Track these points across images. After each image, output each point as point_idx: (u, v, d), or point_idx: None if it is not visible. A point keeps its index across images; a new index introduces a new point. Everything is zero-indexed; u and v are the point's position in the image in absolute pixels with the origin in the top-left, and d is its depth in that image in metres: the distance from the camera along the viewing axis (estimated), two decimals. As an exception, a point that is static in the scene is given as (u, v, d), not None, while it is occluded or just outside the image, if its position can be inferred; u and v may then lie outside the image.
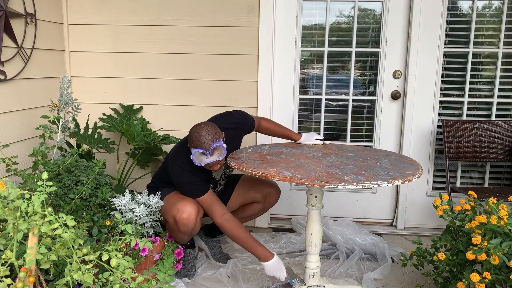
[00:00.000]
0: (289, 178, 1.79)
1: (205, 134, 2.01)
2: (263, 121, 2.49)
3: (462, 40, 2.97)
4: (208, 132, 2.01)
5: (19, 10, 2.45)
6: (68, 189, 2.15)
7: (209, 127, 2.04)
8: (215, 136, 2.03)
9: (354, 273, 2.51)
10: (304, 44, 3.06)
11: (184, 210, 2.13)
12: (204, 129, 2.02)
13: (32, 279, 1.25)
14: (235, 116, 2.35)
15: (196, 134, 2.02)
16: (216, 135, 2.03)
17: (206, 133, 2.01)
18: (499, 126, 2.91)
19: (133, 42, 2.99)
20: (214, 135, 2.03)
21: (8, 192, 1.26)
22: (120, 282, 1.32)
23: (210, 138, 2.01)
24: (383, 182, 1.75)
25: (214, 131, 2.04)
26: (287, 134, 2.52)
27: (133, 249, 2.07)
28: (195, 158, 2.02)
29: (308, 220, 2.17)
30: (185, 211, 2.13)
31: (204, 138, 2.00)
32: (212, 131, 2.03)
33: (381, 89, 3.05)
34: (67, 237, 1.24)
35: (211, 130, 2.03)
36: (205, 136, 2.00)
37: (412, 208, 3.15)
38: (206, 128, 2.03)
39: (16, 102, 2.51)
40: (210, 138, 2.01)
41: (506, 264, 1.74)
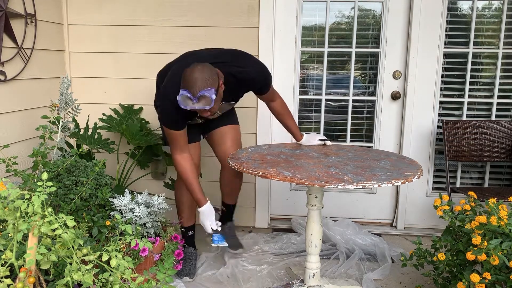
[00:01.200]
0: (289, 178, 1.79)
1: (197, 77, 1.82)
2: (279, 102, 2.35)
3: (462, 40, 2.97)
4: (201, 76, 1.82)
5: (19, 11, 2.45)
6: (68, 190, 2.15)
7: (205, 71, 1.84)
8: (207, 83, 1.83)
9: (354, 273, 2.51)
10: (304, 45, 3.07)
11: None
12: (198, 72, 1.83)
13: (32, 279, 1.25)
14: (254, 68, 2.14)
15: (188, 74, 1.84)
16: (209, 82, 1.83)
17: (198, 77, 1.82)
18: (499, 127, 2.91)
19: (133, 42, 2.99)
20: (207, 81, 1.83)
21: (8, 193, 1.26)
22: (120, 282, 1.32)
23: (201, 84, 1.82)
24: (383, 182, 1.75)
25: (209, 77, 1.84)
26: (293, 129, 2.43)
27: (133, 250, 2.07)
28: (180, 99, 1.85)
29: (308, 220, 2.17)
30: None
31: (194, 81, 1.82)
32: (206, 76, 1.83)
33: (381, 89, 3.05)
34: (67, 238, 1.24)
35: (206, 74, 1.84)
36: (196, 80, 1.82)
37: (412, 209, 3.15)
38: (202, 71, 1.84)
39: (16, 102, 2.50)
40: (201, 84, 1.82)
41: (506, 264, 1.74)
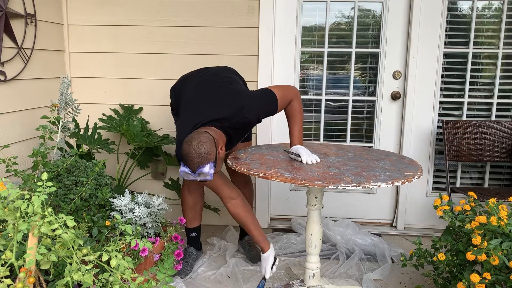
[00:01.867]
0: (289, 178, 1.79)
1: (194, 155, 1.84)
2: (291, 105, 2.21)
3: (462, 40, 2.97)
4: (198, 155, 1.84)
5: (19, 11, 2.45)
6: (68, 190, 2.15)
7: (201, 147, 1.85)
8: (204, 159, 1.85)
9: (354, 273, 2.51)
10: (304, 45, 3.07)
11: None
12: (194, 150, 1.84)
13: (32, 279, 1.24)
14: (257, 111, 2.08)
15: (185, 151, 1.87)
16: (206, 158, 1.86)
17: (195, 156, 1.84)
18: (499, 127, 2.91)
19: (133, 42, 2.99)
20: (204, 157, 1.85)
21: (8, 193, 1.26)
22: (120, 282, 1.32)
23: (198, 161, 1.85)
24: (383, 183, 1.75)
25: (206, 152, 1.85)
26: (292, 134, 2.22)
27: (133, 250, 2.07)
28: (182, 174, 1.90)
29: (308, 220, 2.17)
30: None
31: (191, 159, 1.85)
32: (203, 152, 1.85)
33: (381, 89, 3.05)
34: (67, 238, 1.24)
35: (202, 150, 1.85)
36: (193, 158, 1.85)
37: (412, 209, 3.15)
38: (198, 148, 1.85)
39: (16, 102, 2.50)
40: (198, 161, 1.85)
41: (506, 264, 1.74)
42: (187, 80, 2.27)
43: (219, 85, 2.16)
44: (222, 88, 2.14)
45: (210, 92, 2.12)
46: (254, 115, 2.06)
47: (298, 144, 2.18)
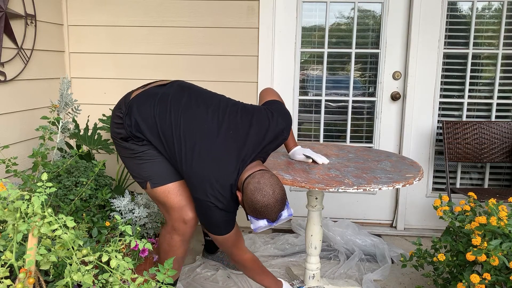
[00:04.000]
0: (290, 181, 1.79)
1: (275, 205, 1.58)
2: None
3: (462, 41, 2.97)
4: (277, 201, 1.59)
5: (19, 11, 2.45)
6: (68, 190, 2.15)
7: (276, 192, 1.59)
8: (283, 203, 1.62)
9: (354, 274, 2.51)
10: (304, 45, 3.07)
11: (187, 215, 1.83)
12: (273, 197, 1.57)
13: (32, 280, 1.24)
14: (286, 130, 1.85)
15: (263, 203, 1.57)
16: (284, 201, 1.62)
17: (275, 204, 1.58)
18: (498, 127, 2.91)
19: (133, 43, 2.99)
20: (283, 201, 1.61)
21: (8, 193, 1.26)
22: (120, 283, 1.32)
23: (279, 208, 1.60)
24: (384, 185, 1.75)
25: (283, 195, 1.61)
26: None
27: (133, 250, 2.07)
28: (254, 226, 1.63)
29: (308, 221, 2.17)
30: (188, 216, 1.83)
31: (272, 210, 1.58)
32: (281, 197, 1.60)
33: (381, 90, 3.05)
34: (67, 238, 1.24)
35: (279, 195, 1.60)
36: (274, 209, 1.58)
37: (412, 209, 3.15)
38: (275, 195, 1.58)
39: (16, 103, 2.50)
40: (279, 209, 1.60)
41: (506, 265, 1.74)
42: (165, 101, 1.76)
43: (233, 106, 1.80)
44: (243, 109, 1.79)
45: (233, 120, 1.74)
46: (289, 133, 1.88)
47: (295, 145, 2.16)
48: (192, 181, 1.68)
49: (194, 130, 1.69)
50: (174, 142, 1.70)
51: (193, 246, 2.86)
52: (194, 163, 1.66)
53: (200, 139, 1.68)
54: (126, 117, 1.77)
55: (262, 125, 1.75)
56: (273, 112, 1.80)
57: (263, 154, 1.76)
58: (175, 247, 1.89)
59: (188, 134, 1.69)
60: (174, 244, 1.89)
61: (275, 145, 1.80)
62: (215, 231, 1.75)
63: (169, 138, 1.71)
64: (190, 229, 1.86)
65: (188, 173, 1.68)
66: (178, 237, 1.87)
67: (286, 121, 1.82)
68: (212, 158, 1.66)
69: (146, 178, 1.82)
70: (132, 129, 1.76)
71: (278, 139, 1.80)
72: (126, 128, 1.77)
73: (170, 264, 1.41)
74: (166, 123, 1.72)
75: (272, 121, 1.77)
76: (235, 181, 1.66)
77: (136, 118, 1.75)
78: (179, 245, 1.89)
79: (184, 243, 1.90)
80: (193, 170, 1.66)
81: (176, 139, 1.70)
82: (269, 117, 1.78)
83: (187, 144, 1.68)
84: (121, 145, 1.84)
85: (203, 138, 1.68)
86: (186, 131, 1.69)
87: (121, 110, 1.81)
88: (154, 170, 1.80)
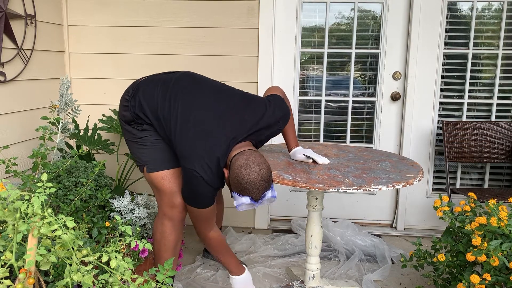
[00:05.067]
0: (290, 181, 1.79)
1: (260, 183, 1.62)
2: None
3: (462, 41, 2.97)
4: (263, 179, 1.62)
5: (19, 11, 2.45)
6: (68, 191, 2.15)
7: (263, 171, 1.63)
8: (268, 183, 1.65)
9: (354, 274, 2.51)
10: (304, 46, 3.07)
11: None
12: (258, 175, 1.61)
13: (32, 280, 1.24)
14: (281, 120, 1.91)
15: (247, 179, 1.61)
16: (269, 181, 1.66)
17: (260, 182, 1.62)
18: (499, 127, 2.91)
19: (133, 43, 2.99)
20: (268, 181, 1.65)
21: (7, 194, 1.26)
22: (119, 283, 1.32)
23: (264, 187, 1.64)
24: (384, 185, 1.75)
25: (269, 175, 1.65)
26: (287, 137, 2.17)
27: (133, 251, 2.06)
28: (236, 203, 1.66)
29: (308, 222, 2.17)
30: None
31: (257, 188, 1.62)
32: (267, 176, 1.64)
33: (380, 90, 3.05)
34: (67, 239, 1.24)
35: (266, 174, 1.63)
36: (259, 186, 1.62)
37: (412, 210, 3.15)
38: (261, 173, 1.62)
39: (16, 103, 2.50)
40: (264, 187, 1.64)
41: (506, 265, 1.74)
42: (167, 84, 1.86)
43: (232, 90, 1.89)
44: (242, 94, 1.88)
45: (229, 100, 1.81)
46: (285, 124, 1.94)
47: (296, 145, 2.18)
48: (182, 151, 1.74)
49: (191, 105, 1.77)
50: (171, 119, 1.78)
51: (193, 246, 2.86)
52: (186, 134, 1.74)
53: (196, 111, 1.75)
54: (131, 99, 1.88)
55: (258, 110, 1.82)
56: (270, 102, 1.88)
57: (254, 137, 1.81)
58: (167, 233, 1.97)
59: (184, 110, 1.77)
60: (165, 230, 1.97)
61: (269, 132, 1.86)
62: (194, 202, 1.82)
63: (167, 116, 1.79)
64: (179, 214, 1.95)
65: (179, 143, 1.75)
66: (168, 222, 1.96)
67: (282, 111, 1.89)
68: (204, 130, 1.72)
69: (144, 162, 1.93)
70: (135, 109, 1.86)
71: (273, 127, 1.86)
72: (131, 109, 1.88)
73: (170, 264, 1.41)
74: (165, 100, 1.81)
75: (269, 109, 1.84)
76: (224, 156, 1.71)
77: (140, 99, 1.85)
78: (170, 231, 1.97)
79: (175, 228, 1.97)
80: (183, 139, 1.74)
81: (173, 117, 1.78)
82: (266, 105, 1.85)
83: (182, 118, 1.76)
84: (125, 128, 1.95)
85: (199, 111, 1.75)
86: (183, 108, 1.77)
87: (128, 93, 1.92)
88: (152, 156, 1.91)
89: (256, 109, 1.82)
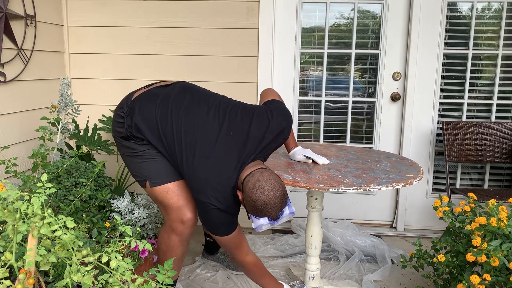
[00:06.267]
0: (289, 181, 1.79)
1: (275, 202, 1.57)
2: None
3: (462, 41, 2.97)
4: (278, 198, 1.57)
5: (19, 12, 2.45)
6: (68, 191, 2.15)
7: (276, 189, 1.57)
8: (284, 201, 1.60)
9: (354, 275, 2.51)
10: (303, 46, 3.07)
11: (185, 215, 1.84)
12: (272, 195, 1.56)
13: (32, 280, 1.24)
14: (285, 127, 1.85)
15: (262, 201, 1.56)
16: (285, 199, 1.60)
17: (275, 201, 1.57)
18: (498, 128, 2.91)
19: (132, 43, 2.99)
20: (283, 199, 1.59)
21: (7, 194, 1.26)
22: (119, 283, 1.32)
23: (280, 206, 1.58)
24: (383, 185, 1.75)
25: (283, 192, 1.60)
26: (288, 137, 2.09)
27: (133, 251, 2.06)
28: (255, 225, 1.61)
29: (308, 222, 2.17)
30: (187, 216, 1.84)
31: (273, 208, 1.57)
32: (281, 194, 1.59)
33: (380, 90, 3.05)
34: (67, 239, 1.24)
35: (280, 192, 1.58)
36: (274, 206, 1.57)
37: (412, 210, 3.15)
38: (275, 192, 1.57)
39: (16, 103, 2.50)
40: (280, 206, 1.58)
41: (506, 265, 1.74)
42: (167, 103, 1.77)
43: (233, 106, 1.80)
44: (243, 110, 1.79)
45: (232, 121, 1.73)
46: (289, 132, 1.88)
47: (295, 146, 2.18)
48: (193, 183, 1.69)
49: (195, 131, 1.70)
50: (175, 143, 1.70)
51: (193, 247, 2.86)
52: (195, 165, 1.67)
53: (201, 140, 1.68)
54: (127, 117, 1.78)
55: (262, 125, 1.75)
56: (273, 112, 1.81)
57: (263, 154, 1.76)
58: (173, 247, 1.89)
59: (188, 136, 1.69)
60: (172, 245, 1.89)
61: (275, 144, 1.80)
62: (217, 232, 1.75)
63: (170, 139, 1.72)
64: (188, 230, 1.86)
65: (188, 175, 1.69)
66: (176, 237, 1.87)
67: (286, 120, 1.83)
68: (212, 160, 1.66)
69: (146, 177, 1.82)
70: (132, 130, 1.77)
71: (279, 138, 1.80)
72: (127, 128, 1.78)
73: (170, 265, 1.41)
74: (168, 124, 1.72)
75: (272, 121, 1.77)
76: (235, 182, 1.67)
77: (137, 119, 1.75)
78: (177, 246, 1.89)
79: (183, 243, 1.89)
80: (194, 172, 1.67)
81: (177, 141, 1.70)
82: (269, 117, 1.78)
83: (187, 146, 1.68)
84: (121, 144, 1.84)
85: (203, 140, 1.68)
86: (187, 133, 1.70)
87: (122, 110, 1.81)
88: (154, 169, 1.81)
89: (261, 125, 1.75)
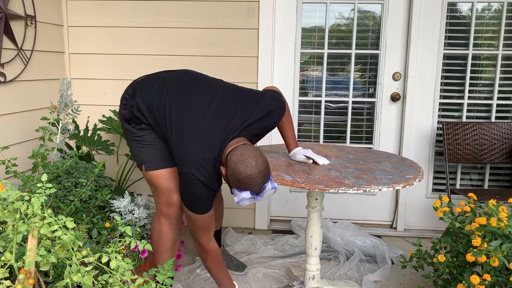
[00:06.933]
0: (290, 182, 1.79)
1: (258, 176, 1.60)
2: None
3: (462, 42, 2.97)
4: (261, 172, 1.60)
5: (19, 12, 2.45)
6: (68, 191, 2.14)
7: (260, 163, 1.61)
8: (267, 175, 1.63)
9: (354, 275, 2.51)
10: (303, 46, 3.07)
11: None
12: (256, 168, 1.59)
13: (32, 281, 1.24)
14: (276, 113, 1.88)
15: (245, 174, 1.59)
16: (268, 173, 1.64)
17: (258, 175, 1.60)
18: (498, 128, 2.91)
19: (132, 44, 2.99)
20: (266, 173, 1.63)
21: (7, 194, 1.26)
22: (119, 284, 1.32)
23: (263, 179, 1.62)
24: (384, 186, 1.75)
25: (266, 167, 1.63)
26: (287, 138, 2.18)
27: (133, 251, 2.06)
28: (237, 198, 1.64)
29: (308, 222, 2.17)
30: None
31: (255, 181, 1.60)
32: (265, 168, 1.62)
33: (380, 91, 3.05)
34: (67, 239, 1.24)
35: (263, 166, 1.61)
36: (257, 179, 1.60)
37: (412, 210, 3.15)
38: (258, 166, 1.60)
39: (16, 104, 2.50)
40: (263, 180, 1.62)
41: (506, 266, 1.74)
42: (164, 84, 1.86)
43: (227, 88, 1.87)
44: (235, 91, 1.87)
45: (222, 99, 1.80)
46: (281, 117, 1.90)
47: (295, 146, 2.19)
48: (178, 155, 1.76)
49: (185, 107, 1.78)
50: (166, 119, 1.79)
51: (193, 247, 2.86)
52: (181, 138, 1.75)
53: (189, 115, 1.76)
54: (130, 99, 1.89)
55: (251, 103, 1.82)
56: (264, 95, 1.88)
57: (247, 132, 1.79)
58: (164, 232, 1.99)
59: (179, 112, 1.78)
60: (163, 229, 1.99)
61: (263, 125, 1.83)
62: (193, 208, 1.81)
63: (163, 116, 1.80)
64: (175, 212, 1.97)
65: (175, 147, 1.77)
66: (165, 221, 1.98)
67: (276, 103, 1.88)
68: (197, 134, 1.73)
69: (142, 161, 1.94)
70: (133, 109, 1.87)
71: (267, 119, 1.83)
72: (129, 108, 1.89)
73: (170, 265, 1.41)
74: (162, 102, 1.82)
75: (262, 101, 1.84)
76: (218, 155, 1.72)
77: (138, 100, 1.86)
78: (167, 229, 1.99)
79: (172, 227, 1.99)
80: (179, 146, 1.75)
81: (168, 117, 1.79)
82: (259, 99, 1.85)
83: (177, 121, 1.77)
84: (125, 127, 1.97)
85: (192, 115, 1.76)
86: (178, 109, 1.78)
87: (128, 92, 1.93)
88: (150, 155, 1.93)
89: (248, 103, 1.82)
